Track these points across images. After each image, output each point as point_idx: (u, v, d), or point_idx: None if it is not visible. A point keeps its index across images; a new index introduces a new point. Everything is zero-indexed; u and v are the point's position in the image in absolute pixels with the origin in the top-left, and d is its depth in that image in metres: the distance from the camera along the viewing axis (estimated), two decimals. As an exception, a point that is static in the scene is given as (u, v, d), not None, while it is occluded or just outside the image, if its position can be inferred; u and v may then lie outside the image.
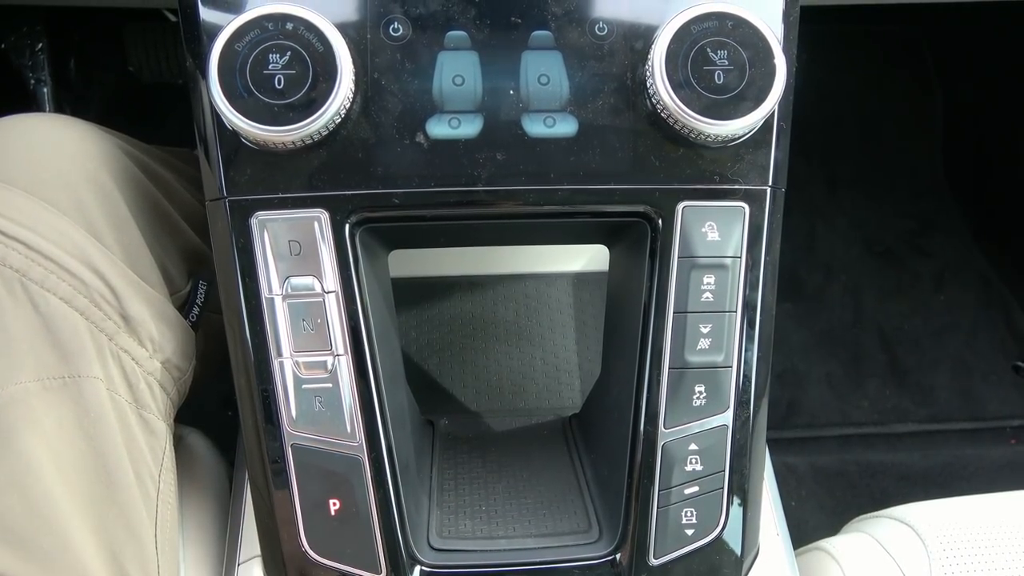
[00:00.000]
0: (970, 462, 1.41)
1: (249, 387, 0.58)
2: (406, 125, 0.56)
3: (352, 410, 0.58)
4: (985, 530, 0.69)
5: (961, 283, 1.63)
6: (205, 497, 0.71)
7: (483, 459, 0.75)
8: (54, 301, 0.56)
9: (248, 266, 0.57)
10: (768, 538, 0.66)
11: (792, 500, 1.34)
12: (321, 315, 0.57)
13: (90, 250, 0.58)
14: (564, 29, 0.57)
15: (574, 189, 0.57)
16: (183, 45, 0.57)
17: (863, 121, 1.79)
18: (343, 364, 0.57)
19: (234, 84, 0.52)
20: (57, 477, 0.54)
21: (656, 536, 0.59)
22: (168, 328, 0.63)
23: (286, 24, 0.53)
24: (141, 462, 0.59)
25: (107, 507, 0.56)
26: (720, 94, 0.54)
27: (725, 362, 0.59)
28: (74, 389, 0.56)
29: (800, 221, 1.67)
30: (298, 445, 0.57)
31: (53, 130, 0.63)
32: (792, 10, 0.59)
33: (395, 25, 0.56)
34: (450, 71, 0.56)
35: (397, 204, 0.57)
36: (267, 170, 0.56)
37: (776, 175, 0.59)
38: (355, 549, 0.58)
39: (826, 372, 1.51)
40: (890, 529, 0.71)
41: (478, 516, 0.66)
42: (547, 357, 0.96)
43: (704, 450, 0.59)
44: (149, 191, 0.67)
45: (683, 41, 0.54)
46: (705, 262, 0.59)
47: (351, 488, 0.58)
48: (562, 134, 0.57)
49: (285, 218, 0.56)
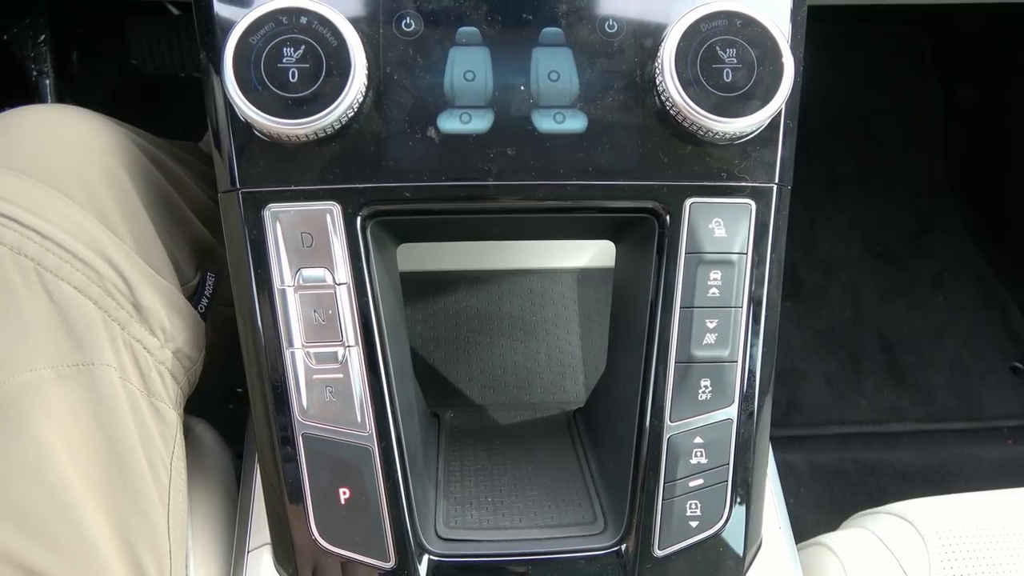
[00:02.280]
0: (967, 462, 1.41)
1: (260, 377, 0.59)
2: (417, 119, 0.56)
3: (362, 401, 0.58)
4: (984, 526, 0.69)
5: (960, 283, 1.63)
6: (213, 486, 0.71)
7: (488, 451, 0.75)
8: (68, 289, 0.57)
9: (260, 257, 0.57)
10: (770, 532, 0.67)
11: (791, 498, 1.34)
12: (332, 307, 0.58)
13: (103, 240, 0.59)
14: (574, 26, 0.57)
15: (583, 184, 0.58)
16: (197, 38, 0.58)
17: (863, 121, 1.80)
18: (354, 355, 0.58)
19: (248, 77, 0.53)
20: (71, 463, 0.54)
21: (661, 528, 0.60)
22: (179, 318, 0.64)
23: (300, 18, 0.54)
24: (153, 450, 0.59)
25: (120, 493, 0.57)
26: (729, 92, 0.55)
27: (731, 357, 0.60)
28: (87, 377, 0.57)
29: (800, 220, 1.67)
30: (309, 434, 0.58)
31: (66, 121, 0.63)
32: (800, 10, 0.59)
33: (407, 20, 0.57)
34: (461, 66, 0.57)
35: (408, 198, 0.57)
36: (280, 162, 0.56)
37: (782, 173, 0.59)
38: (364, 537, 0.59)
39: (825, 371, 1.51)
40: (890, 525, 0.72)
41: (484, 507, 0.67)
42: (552, 352, 0.96)
43: (709, 443, 0.60)
44: (160, 183, 0.68)
45: (692, 39, 0.55)
46: (712, 258, 0.59)
47: (361, 477, 0.58)
48: (572, 130, 0.57)
49: (297, 210, 0.57)
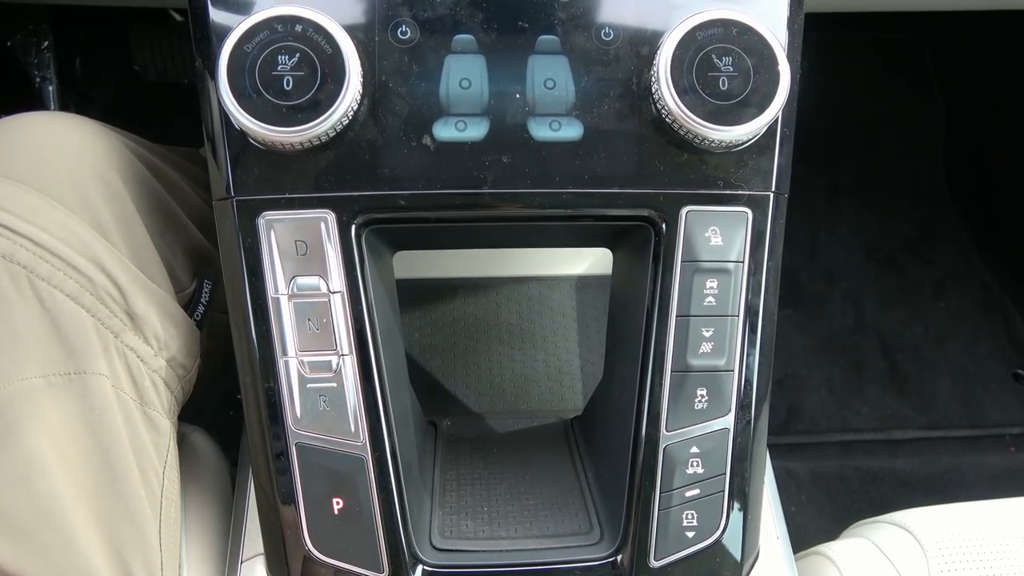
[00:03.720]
0: (969, 469, 1.41)
1: (254, 386, 0.58)
2: (413, 127, 0.56)
3: (356, 410, 0.58)
4: (984, 536, 0.69)
5: (962, 291, 1.63)
6: (207, 495, 0.71)
7: (485, 460, 0.75)
8: (61, 298, 0.56)
9: (255, 265, 0.57)
10: (768, 542, 0.67)
11: (792, 505, 1.34)
12: (327, 315, 0.57)
13: (97, 248, 0.59)
14: (570, 34, 0.57)
15: (579, 193, 0.58)
16: (192, 45, 0.58)
17: (865, 129, 1.80)
18: (348, 364, 0.58)
19: (243, 85, 0.53)
20: (62, 473, 0.54)
21: (657, 538, 0.60)
22: (173, 326, 0.64)
23: (295, 26, 0.53)
24: (145, 459, 0.59)
25: (111, 503, 0.56)
26: (725, 100, 0.55)
27: (727, 366, 0.60)
28: (80, 385, 0.56)
29: (802, 228, 1.67)
30: (302, 444, 0.58)
31: (61, 128, 0.63)
32: (796, 17, 0.59)
33: (403, 28, 0.57)
34: (457, 74, 0.57)
35: (403, 206, 0.57)
36: (274, 170, 0.56)
37: (779, 181, 0.59)
38: (358, 548, 0.58)
39: (827, 378, 1.51)
40: (889, 534, 0.72)
41: (480, 517, 0.66)
42: (549, 360, 0.96)
43: (705, 453, 0.60)
44: (156, 190, 0.68)
45: (688, 47, 0.55)
46: (708, 266, 0.59)
47: (354, 487, 0.58)
48: (567, 138, 0.57)
49: (292, 218, 0.57)
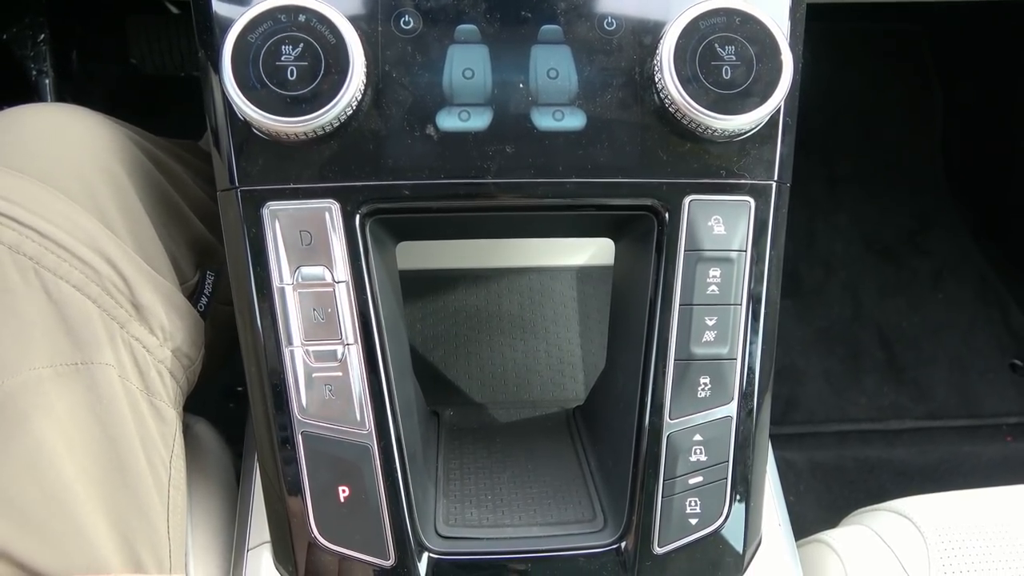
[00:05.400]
0: (966, 459, 1.42)
1: (260, 375, 0.59)
2: (416, 117, 0.56)
3: (362, 399, 0.58)
4: (983, 523, 0.69)
5: (959, 281, 1.64)
6: (212, 484, 0.71)
7: (488, 449, 0.75)
8: (67, 288, 0.57)
9: (259, 255, 0.57)
10: (770, 529, 0.67)
11: (790, 495, 1.35)
12: (331, 305, 0.58)
13: (102, 239, 0.59)
14: (573, 24, 0.57)
15: (582, 182, 0.58)
16: (195, 36, 0.58)
17: (863, 119, 1.80)
18: (353, 353, 0.58)
19: (247, 75, 0.53)
20: (70, 462, 0.54)
21: (660, 525, 0.60)
22: (178, 317, 0.64)
23: (299, 16, 0.53)
24: (152, 448, 0.59)
25: (119, 492, 0.57)
26: (727, 89, 0.55)
27: (730, 354, 0.60)
28: (86, 375, 0.57)
29: (800, 218, 1.67)
30: (308, 433, 0.58)
31: (65, 120, 0.63)
32: (799, 7, 0.59)
33: (406, 18, 0.57)
34: (460, 64, 0.57)
35: (407, 196, 0.57)
36: (278, 161, 0.56)
37: (781, 170, 0.59)
38: (364, 535, 0.59)
39: (824, 368, 1.52)
40: (889, 522, 0.72)
41: (484, 505, 0.67)
42: (551, 350, 0.96)
43: (708, 441, 0.60)
44: (159, 181, 0.68)
45: (691, 36, 0.55)
46: (711, 255, 0.59)
47: (360, 475, 0.58)
48: (570, 128, 0.57)
49: (296, 208, 0.57)
